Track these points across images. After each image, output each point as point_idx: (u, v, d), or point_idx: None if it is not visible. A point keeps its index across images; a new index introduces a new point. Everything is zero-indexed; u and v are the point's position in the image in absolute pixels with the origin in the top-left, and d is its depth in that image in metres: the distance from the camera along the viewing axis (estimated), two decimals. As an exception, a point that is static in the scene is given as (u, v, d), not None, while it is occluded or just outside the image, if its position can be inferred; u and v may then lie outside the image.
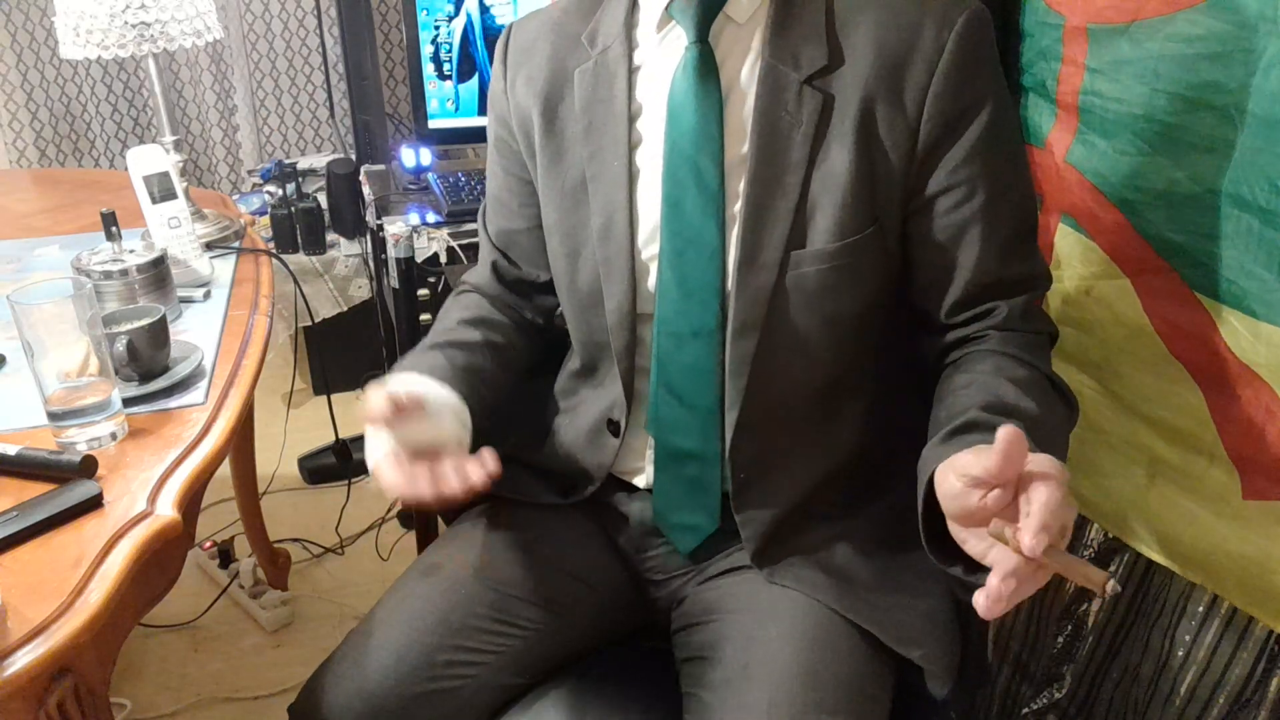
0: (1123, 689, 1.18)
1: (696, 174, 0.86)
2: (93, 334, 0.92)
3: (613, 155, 0.91)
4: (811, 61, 0.84)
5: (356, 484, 2.10)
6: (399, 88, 2.49)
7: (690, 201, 0.87)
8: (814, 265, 0.85)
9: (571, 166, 0.93)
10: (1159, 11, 0.87)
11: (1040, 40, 1.00)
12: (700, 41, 0.86)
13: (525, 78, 0.96)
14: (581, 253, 0.93)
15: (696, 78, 0.86)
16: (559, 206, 0.95)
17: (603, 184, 0.91)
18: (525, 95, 0.96)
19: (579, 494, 1.00)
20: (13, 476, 0.90)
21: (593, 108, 0.92)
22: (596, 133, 0.91)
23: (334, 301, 2.33)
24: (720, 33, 0.87)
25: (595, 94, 0.92)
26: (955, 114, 0.83)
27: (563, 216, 0.94)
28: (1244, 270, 0.87)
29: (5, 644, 0.71)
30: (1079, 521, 1.18)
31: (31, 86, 2.37)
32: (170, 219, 1.29)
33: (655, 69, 0.90)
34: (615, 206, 0.90)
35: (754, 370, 0.88)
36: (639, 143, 0.91)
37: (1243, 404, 0.91)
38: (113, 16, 1.32)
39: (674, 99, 0.87)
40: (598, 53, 0.92)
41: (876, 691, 0.87)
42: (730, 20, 0.87)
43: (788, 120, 0.84)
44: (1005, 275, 0.87)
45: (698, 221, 0.87)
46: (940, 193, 0.85)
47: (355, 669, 0.89)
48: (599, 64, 0.92)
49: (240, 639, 1.77)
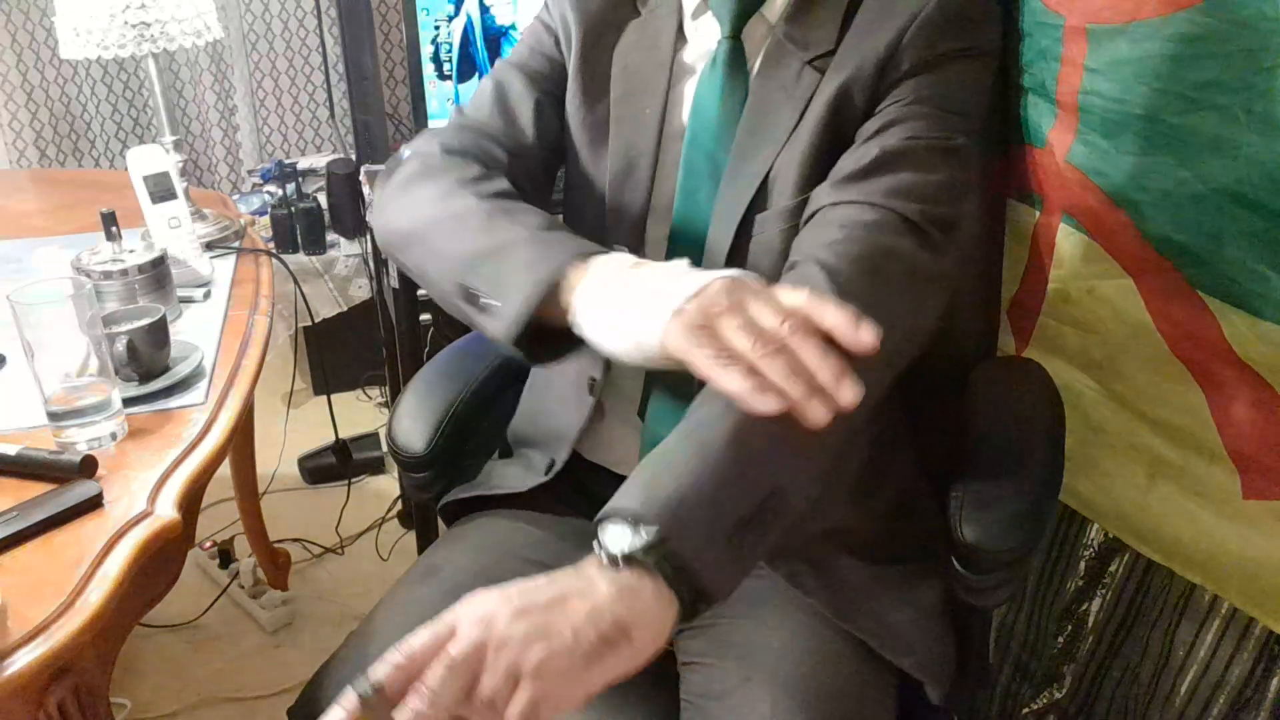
0: (1123, 689, 1.18)
1: (713, 168, 0.86)
2: (93, 334, 0.92)
3: (645, 102, 0.90)
4: (819, 45, 0.85)
5: (356, 484, 2.10)
6: (399, 88, 2.48)
7: (704, 194, 0.87)
8: (777, 225, 0.85)
9: (599, 103, 0.93)
10: (1158, 12, 0.87)
11: (1039, 40, 1.00)
12: (733, 38, 0.86)
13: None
14: (587, 193, 0.93)
15: (725, 74, 0.86)
16: (577, 139, 0.94)
17: (627, 127, 0.91)
18: (572, 11, 0.94)
19: (556, 468, 0.98)
20: (13, 476, 0.90)
21: (634, 53, 0.92)
22: (630, 77, 0.91)
23: (334, 301, 2.33)
24: (753, 29, 0.87)
25: (640, 42, 0.92)
26: (922, 62, 0.82)
27: (577, 148, 0.94)
28: (1246, 269, 0.86)
29: (5, 644, 0.71)
30: (1079, 521, 1.18)
31: (31, 86, 2.36)
32: (170, 219, 1.29)
33: (699, 47, 0.90)
34: (639, 154, 0.90)
35: None
36: (677, 102, 0.90)
37: (1244, 404, 0.91)
38: (113, 16, 1.32)
39: (700, 91, 0.88)
40: (647, 10, 0.93)
41: (880, 696, 0.87)
42: (764, 19, 0.87)
43: (781, 96, 0.85)
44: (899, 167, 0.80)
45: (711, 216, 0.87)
46: (884, 109, 0.82)
47: (355, 672, 0.89)
48: (648, 20, 0.92)
49: (240, 639, 1.77)
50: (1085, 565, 1.18)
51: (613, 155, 0.91)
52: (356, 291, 2.33)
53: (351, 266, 2.32)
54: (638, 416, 0.94)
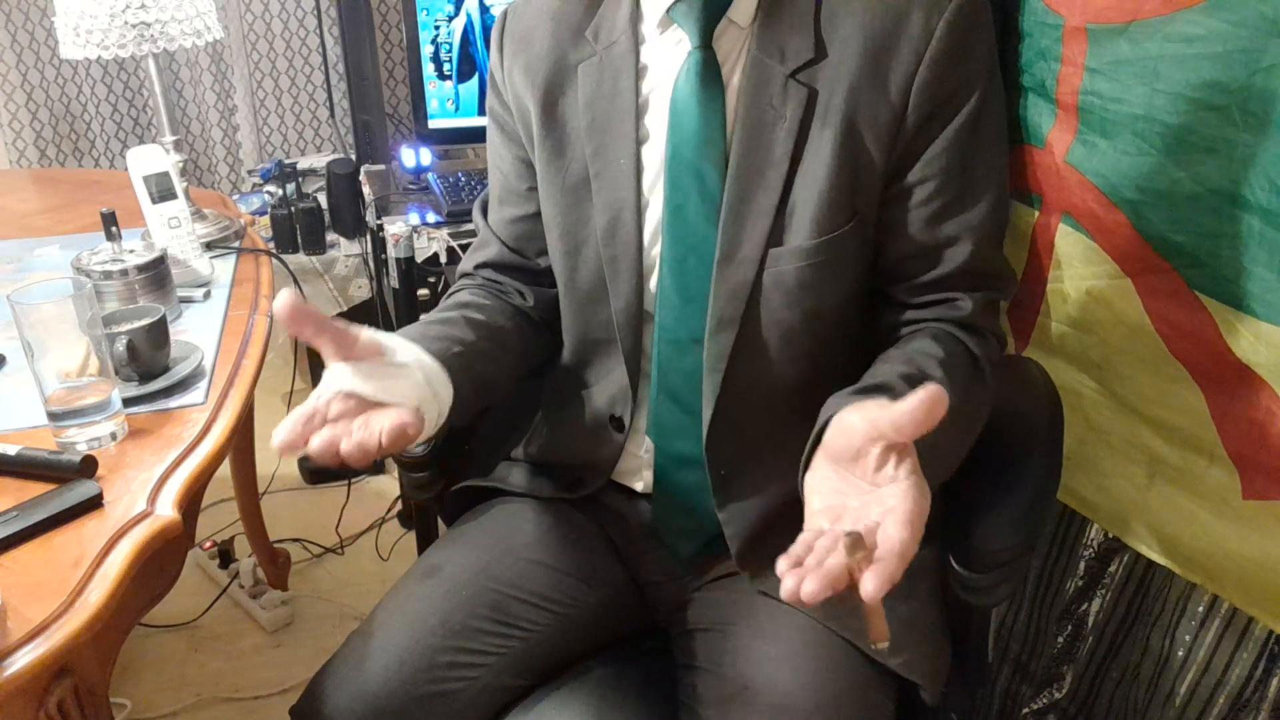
0: (1123, 689, 1.18)
1: (699, 180, 0.85)
2: (93, 334, 0.92)
3: (619, 152, 0.89)
4: (798, 55, 0.83)
5: (356, 484, 2.10)
6: (399, 88, 2.48)
7: (692, 208, 0.86)
8: (793, 263, 0.84)
9: (573, 162, 0.92)
10: (1158, 12, 0.87)
11: (1039, 40, 1.00)
12: (704, 47, 0.84)
13: (523, 67, 0.94)
14: (582, 251, 0.92)
15: (699, 83, 0.84)
16: (559, 203, 0.93)
17: (607, 181, 0.90)
18: (523, 87, 0.94)
19: (584, 489, 1.00)
20: (13, 476, 0.90)
21: (597, 103, 0.90)
22: (600, 129, 0.90)
23: (334, 301, 2.33)
24: (722, 35, 0.85)
25: (600, 89, 0.90)
26: (940, 102, 0.82)
27: (563, 213, 0.93)
28: (1245, 270, 0.86)
29: (5, 644, 0.71)
30: (1079, 521, 1.18)
31: (31, 86, 2.36)
32: (170, 219, 1.29)
33: (660, 67, 0.89)
34: (622, 205, 0.89)
35: (730, 367, 0.87)
36: (645, 139, 0.89)
37: (1243, 404, 0.91)
38: (113, 16, 1.32)
39: (676, 104, 0.86)
40: (602, 48, 0.90)
41: (881, 700, 0.87)
42: (732, 23, 0.85)
43: (771, 115, 0.83)
44: (974, 269, 0.86)
45: (700, 228, 0.86)
46: (918, 182, 0.84)
47: (356, 671, 0.89)
48: (604, 59, 0.90)
49: (240, 639, 1.77)
50: (1085, 565, 1.18)
51: (599, 213, 0.90)
52: (356, 291, 2.33)
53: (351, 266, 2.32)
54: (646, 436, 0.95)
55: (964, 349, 0.85)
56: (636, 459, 0.98)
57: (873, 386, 0.77)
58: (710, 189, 0.85)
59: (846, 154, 0.82)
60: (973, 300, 0.87)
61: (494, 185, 1.03)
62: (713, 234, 0.85)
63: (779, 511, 0.92)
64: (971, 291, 0.87)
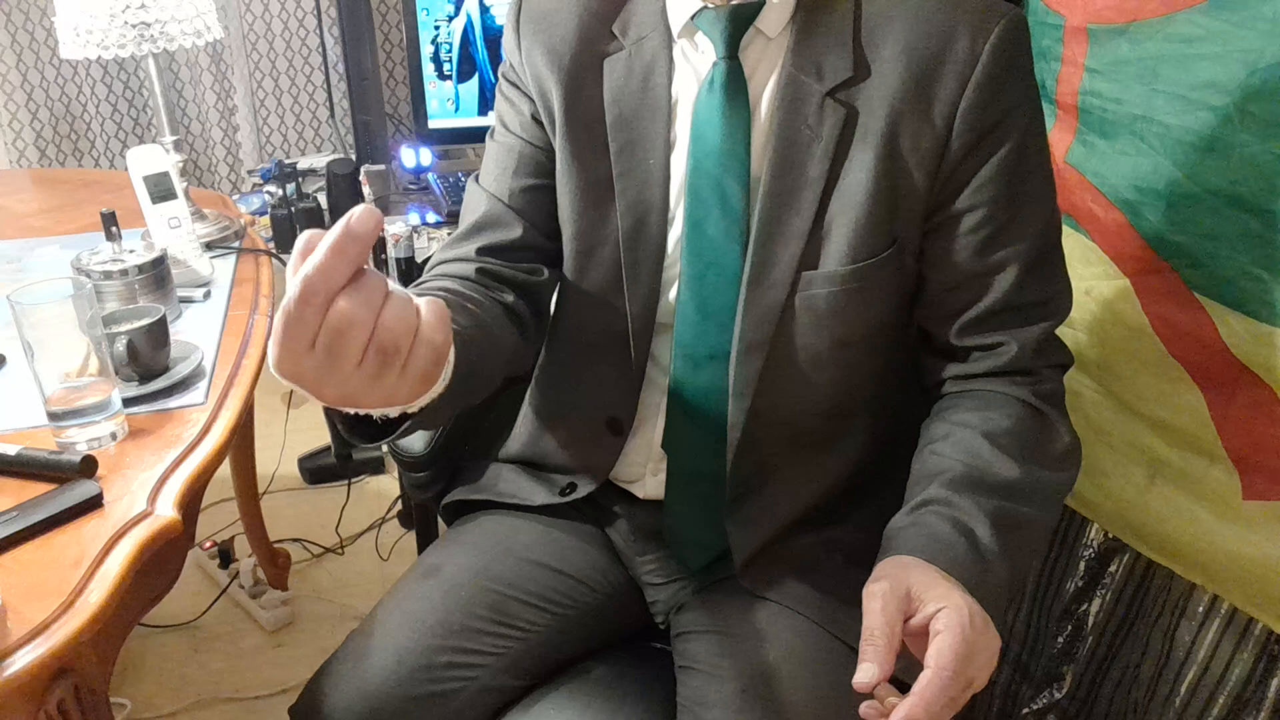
0: (1123, 689, 1.18)
1: (720, 196, 0.83)
2: (93, 334, 0.92)
3: (647, 152, 0.86)
4: (835, 73, 0.80)
5: (356, 484, 2.10)
6: (399, 88, 2.48)
7: (713, 224, 0.83)
8: (825, 287, 0.82)
9: (598, 161, 0.87)
10: (1158, 12, 0.87)
11: (1040, 40, 1.00)
12: (729, 58, 0.81)
13: (546, 49, 0.88)
14: (596, 252, 0.89)
15: (724, 95, 0.81)
16: (578, 200, 0.89)
17: (634, 181, 0.86)
18: (546, 69, 0.88)
19: (577, 493, 0.99)
20: (13, 476, 0.90)
21: (624, 99, 0.86)
22: (627, 126, 0.86)
23: (334, 301, 2.33)
24: (749, 46, 0.82)
25: (628, 84, 0.86)
26: (986, 129, 0.79)
27: (580, 212, 0.89)
28: (1243, 271, 0.87)
29: (5, 644, 0.71)
30: (1079, 521, 1.18)
31: (31, 86, 2.36)
32: (170, 219, 1.29)
33: (687, 73, 0.86)
34: (649, 208, 0.86)
35: (759, 390, 0.86)
36: (674, 145, 0.86)
37: (1242, 404, 0.91)
38: (113, 16, 1.32)
39: (699, 116, 0.83)
40: (631, 43, 0.86)
41: None
42: (760, 33, 0.82)
43: (807, 134, 0.80)
44: (1023, 300, 0.83)
45: (720, 244, 0.84)
46: (965, 211, 0.81)
47: (356, 671, 0.89)
48: (633, 55, 0.86)
49: (240, 639, 1.77)
50: (1085, 565, 1.18)
51: (622, 215, 0.87)
52: (357, 291, 2.32)
53: (351, 266, 2.32)
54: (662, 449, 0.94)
55: (1017, 416, 0.83)
56: (639, 465, 0.97)
57: (923, 502, 0.78)
58: (732, 205, 0.83)
59: (886, 178, 0.80)
60: (1019, 342, 0.83)
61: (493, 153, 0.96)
62: (734, 251, 0.83)
63: (786, 529, 0.92)
64: (1022, 327, 0.84)
